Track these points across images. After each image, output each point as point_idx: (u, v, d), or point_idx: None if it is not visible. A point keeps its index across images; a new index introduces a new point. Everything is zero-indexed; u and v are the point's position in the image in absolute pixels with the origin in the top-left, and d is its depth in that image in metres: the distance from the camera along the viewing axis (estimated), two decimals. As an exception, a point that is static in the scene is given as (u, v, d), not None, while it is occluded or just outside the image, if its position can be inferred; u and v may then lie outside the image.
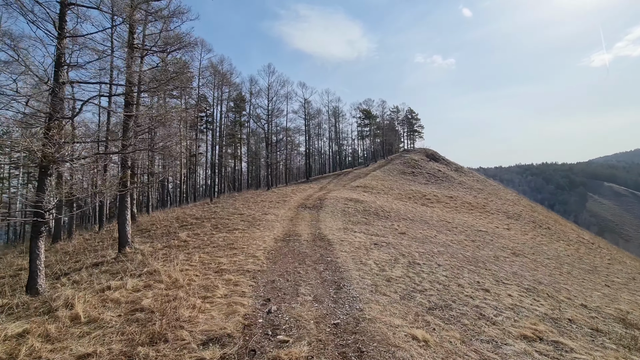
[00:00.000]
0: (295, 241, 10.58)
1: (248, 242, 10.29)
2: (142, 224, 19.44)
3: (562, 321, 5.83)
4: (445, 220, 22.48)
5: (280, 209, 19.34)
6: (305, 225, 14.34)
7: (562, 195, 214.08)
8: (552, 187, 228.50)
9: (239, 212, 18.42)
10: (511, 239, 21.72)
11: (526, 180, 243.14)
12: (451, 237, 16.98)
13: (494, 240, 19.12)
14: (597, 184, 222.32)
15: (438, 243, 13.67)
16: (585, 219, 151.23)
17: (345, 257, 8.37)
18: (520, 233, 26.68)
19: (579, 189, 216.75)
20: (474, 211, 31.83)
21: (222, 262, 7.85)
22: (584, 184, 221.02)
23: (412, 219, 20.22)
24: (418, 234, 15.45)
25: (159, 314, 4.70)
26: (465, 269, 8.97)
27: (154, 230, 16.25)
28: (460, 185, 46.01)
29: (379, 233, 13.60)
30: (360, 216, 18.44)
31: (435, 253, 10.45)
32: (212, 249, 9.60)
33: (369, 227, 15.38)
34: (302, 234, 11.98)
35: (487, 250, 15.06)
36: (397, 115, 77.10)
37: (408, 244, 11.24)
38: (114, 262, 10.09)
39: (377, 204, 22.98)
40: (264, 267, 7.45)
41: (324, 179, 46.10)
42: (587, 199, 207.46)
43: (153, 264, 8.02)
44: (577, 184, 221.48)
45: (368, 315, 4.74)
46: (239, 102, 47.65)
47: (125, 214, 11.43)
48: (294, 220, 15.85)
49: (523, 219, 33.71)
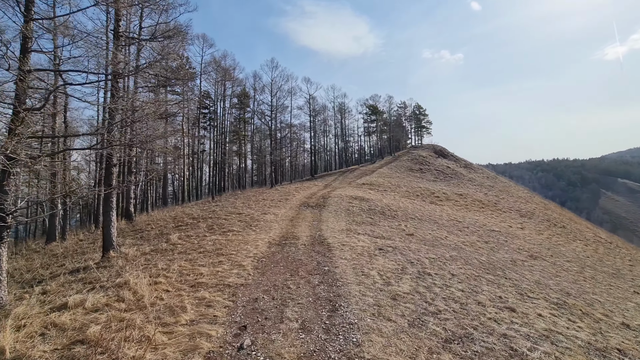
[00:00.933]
0: (292, 245, 9.55)
1: (239, 246, 9.29)
2: (138, 223, 18.58)
3: (612, 353, 4.69)
4: (455, 220, 21.23)
5: (281, 208, 18.33)
6: (305, 226, 13.30)
7: (574, 192, 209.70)
8: (563, 183, 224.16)
9: (238, 211, 17.46)
10: (526, 239, 20.38)
11: (536, 177, 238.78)
12: (463, 238, 15.78)
13: (508, 241, 17.84)
14: (610, 181, 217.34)
15: (449, 246, 12.51)
16: (598, 216, 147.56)
17: (345, 267, 7.30)
18: (535, 232, 25.26)
19: (591, 185, 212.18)
20: (485, 209, 30.44)
21: (202, 272, 6.85)
22: (597, 181, 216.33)
23: (421, 219, 19.03)
24: (427, 235, 14.30)
25: (100, 349, 3.72)
26: (483, 278, 7.83)
27: (148, 230, 15.38)
28: (470, 183, 44.49)
29: (385, 235, 12.48)
30: (365, 215, 17.33)
31: (448, 259, 9.32)
32: (197, 254, 8.61)
33: (374, 227, 14.27)
34: (301, 236, 10.95)
35: (502, 253, 13.84)
36: (404, 111, 75.43)
37: (417, 248, 10.11)
38: (93, 269, 9.18)
39: (384, 203, 21.83)
40: (248, 280, 6.43)
41: (329, 177, 44.99)
42: (600, 195, 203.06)
43: (126, 274, 7.04)
44: (589, 181, 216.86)
45: (367, 354, 3.68)
46: (242, 98, 46.68)
47: (110, 215, 10.50)
48: (294, 220, 14.82)
49: (537, 218, 32.20)
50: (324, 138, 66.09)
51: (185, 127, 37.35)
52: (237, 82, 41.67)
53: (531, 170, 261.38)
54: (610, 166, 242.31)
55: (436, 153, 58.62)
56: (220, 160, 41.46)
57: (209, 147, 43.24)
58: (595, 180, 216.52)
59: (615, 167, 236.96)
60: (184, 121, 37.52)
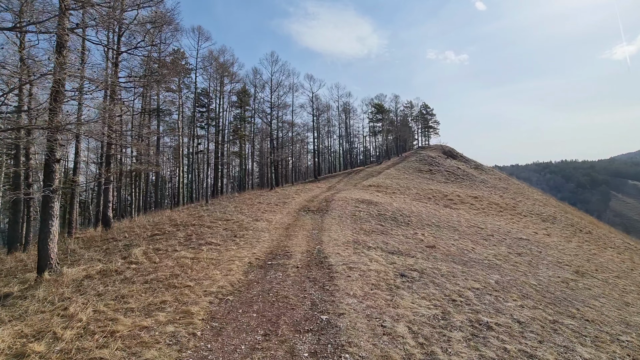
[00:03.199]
0: (279, 269, 7.10)
1: (205, 272, 6.84)
2: (114, 231, 16.23)
3: None
4: (476, 226, 18.67)
5: (277, 214, 15.93)
6: (302, 236, 10.88)
7: (584, 194, 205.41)
8: (572, 185, 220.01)
9: (226, 217, 15.10)
10: (559, 248, 17.75)
11: (545, 179, 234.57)
12: (492, 249, 13.26)
13: (542, 252, 15.27)
14: (620, 182, 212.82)
15: (482, 263, 10.01)
16: (609, 219, 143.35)
17: (354, 314, 4.78)
18: (563, 240, 22.58)
19: (601, 187, 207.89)
20: (504, 213, 27.79)
21: (117, 330, 4.38)
22: (607, 182, 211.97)
23: (438, 225, 16.52)
24: (451, 248, 11.80)
25: None
26: (561, 326, 5.32)
27: (119, 240, 13.06)
28: (483, 184, 41.78)
29: (402, 248, 10.01)
30: (375, 222, 14.87)
31: (495, 288, 6.84)
32: (141, 286, 6.16)
33: (386, 238, 11.81)
34: (294, 252, 8.54)
35: (544, 270, 11.30)
36: (410, 110, 72.83)
37: (449, 270, 7.64)
38: (15, 297, 6.84)
39: (394, 206, 19.34)
40: (186, 354, 4.02)
41: (333, 178, 42.49)
42: (610, 197, 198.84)
43: (30, 317, 4.68)
44: (599, 182, 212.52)
45: None
46: (242, 96, 44.43)
47: (48, 225, 8.16)
48: (290, 229, 12.42)
49: (560, 222, 29.48)
50: (328, 139, 63.72)
51: (181, 125, 35.17)
52: (236, 78, 39.42)
53: (539, 172, 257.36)
54: (621, 167, 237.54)
55: (445, 154, 55.96)
56: (218, 161, 39.21)
57: (207, 147, 40.99)
58: (605, 182, 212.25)
59: (625, 169, 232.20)
60: (180, 119, 35.37)
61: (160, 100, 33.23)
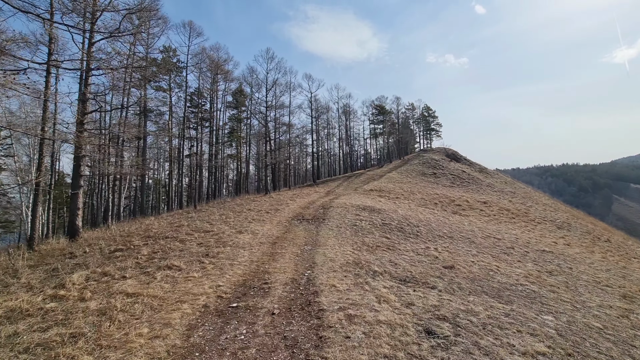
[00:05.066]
0: (246, 317, 4.88)
1: (127, 330, 4.63)
2: (78, 243, 14.13)
3: None
4: (492, 236, 16.59)
5: (266, 223, 13.86)
6: (290, 255, 8.82)
7: (586, 198, 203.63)
8: (574, 189, 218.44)
9: (207, 227, 13.04)
10: (587, 262, 15.65)
11: (546, 182, 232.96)
12: (518, 267, 11.18)
13: (573, 268, 13.17)
14: (622, 186, 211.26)
15: (517, 290, 7.94)
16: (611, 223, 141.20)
17: None
18: (585, 250, 20.46)
19: (603, 191, 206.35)
20: (516, 220, 25.70)
21: None
22: (609, 186, 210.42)
23: (451, 237, 14.44)
24: (472, 267, 9.73)
25: None
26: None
27: (72, 258, 10.98)
28: (490, 188, 39.73)
29: (416, 272, 7.94)
30: (379, 234, 12.80)
31: (562, 345, 4.69)
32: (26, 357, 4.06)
33: (394, 255, 9.73)
34: (276, 282, 6.46)
35: (588, 295, 9.22)
36: (412, 113, 70.86)
37: (488, 312, 5.52)
38: None
39: (400, 214, 17.26)
40: None
41: (332, 182, 40.38)
42: (612, 201, 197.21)
43: None
44: (601, 186, 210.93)
45: None
46: (238, 96, 42.43)
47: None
48: (278, 243, 10.34)
49: (575, 230, 27.43)
50: (328, 142, 61.72)
51: (171, 126, 33.20)
52: (230, 77, 37.49)
53: (540, 175, 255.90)
54: (622, 171, 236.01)
55: (448, 157, 53.97)
56: (212, 163, 37.19)
57: (198, 150, 38.93)
58: (608, 186, 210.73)
59: (627, 172, 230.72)
60: (170, 120, 33.42)
61: (150, 98, 31.28)
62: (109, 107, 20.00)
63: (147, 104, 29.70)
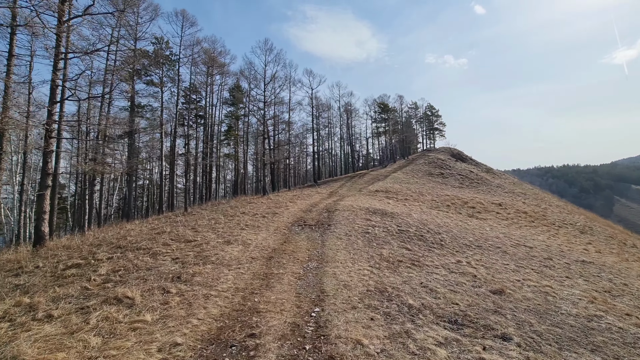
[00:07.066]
0: None
1: None
2: (40, 253, 11.92)
3: None
4: (522, 244, 14.46)
5: (261, 230, 11.69)
6: (290, 277, 6.67)
7: (588, 199, 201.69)
8: (575, 190, 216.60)
9: (188, 237, 10.86)
10: (632, 275, 13.51)
11: (547, 183, 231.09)
12: (570, 286, 9.04)
13: (628, 284, 11.03)
14: (624, 187, 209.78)
15: (605, 330, 5.81)
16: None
17: None
18: (618, 258, 18.29)
19: (605, 192, 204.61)
20: (536, 224, 23.57)
21: None
22: (610, 187, 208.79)
23: (479, 245, 12.30)
24: (524, 289, 7.61)
25: None
26: None
27: (21, 275, 8.81)
28: (500, 189, 37.61)
29: (463, 304, 5.83)
30: (397, 243, 10.64)
31: None
32: None
33: (423, 275, 7.59)
34: (268, 332, 4.28)
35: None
36: (415, 112, 68.73)
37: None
38: None
39: (415, 218, 15.12)
40: None
41: (334, 182, 38.17)
42: (614, 202, 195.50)
43: None
44: (602, 187, 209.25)
45: None
46: (235, 92, 40.18)
47: None
48: (274, 259, 8.19)
49: (598, 234, 25.26)
50: (329, 141, 59.49)
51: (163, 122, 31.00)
52: (226, 70, 35.31)
53: (541, 176, 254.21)
54: (623, 172, 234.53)
55: (454, 156, 51.89)
56: (207, 162, 35.00)
57: (195, 148, 36.70)
58: (609, 187, 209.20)
59: (628, 173, 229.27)
60: (161, 115, 31.20)
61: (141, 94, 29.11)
62: (87, 96, 17.77)
63: (136, 99, 27.52)
